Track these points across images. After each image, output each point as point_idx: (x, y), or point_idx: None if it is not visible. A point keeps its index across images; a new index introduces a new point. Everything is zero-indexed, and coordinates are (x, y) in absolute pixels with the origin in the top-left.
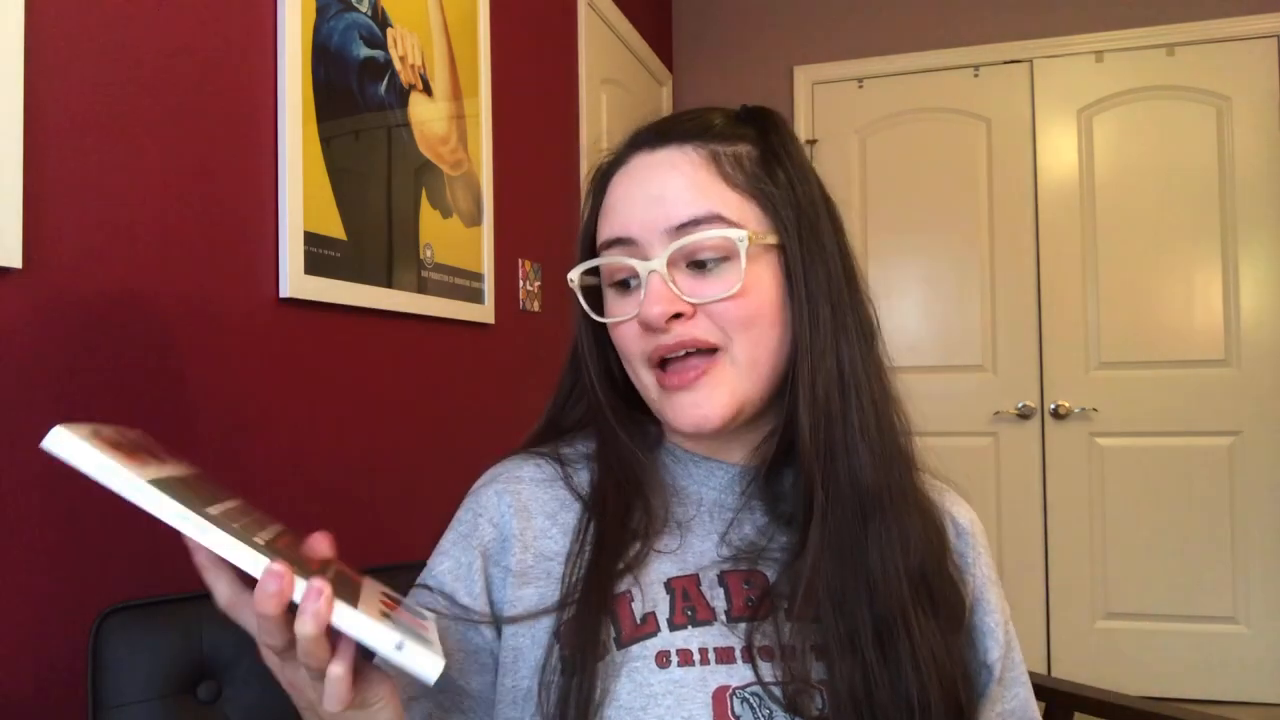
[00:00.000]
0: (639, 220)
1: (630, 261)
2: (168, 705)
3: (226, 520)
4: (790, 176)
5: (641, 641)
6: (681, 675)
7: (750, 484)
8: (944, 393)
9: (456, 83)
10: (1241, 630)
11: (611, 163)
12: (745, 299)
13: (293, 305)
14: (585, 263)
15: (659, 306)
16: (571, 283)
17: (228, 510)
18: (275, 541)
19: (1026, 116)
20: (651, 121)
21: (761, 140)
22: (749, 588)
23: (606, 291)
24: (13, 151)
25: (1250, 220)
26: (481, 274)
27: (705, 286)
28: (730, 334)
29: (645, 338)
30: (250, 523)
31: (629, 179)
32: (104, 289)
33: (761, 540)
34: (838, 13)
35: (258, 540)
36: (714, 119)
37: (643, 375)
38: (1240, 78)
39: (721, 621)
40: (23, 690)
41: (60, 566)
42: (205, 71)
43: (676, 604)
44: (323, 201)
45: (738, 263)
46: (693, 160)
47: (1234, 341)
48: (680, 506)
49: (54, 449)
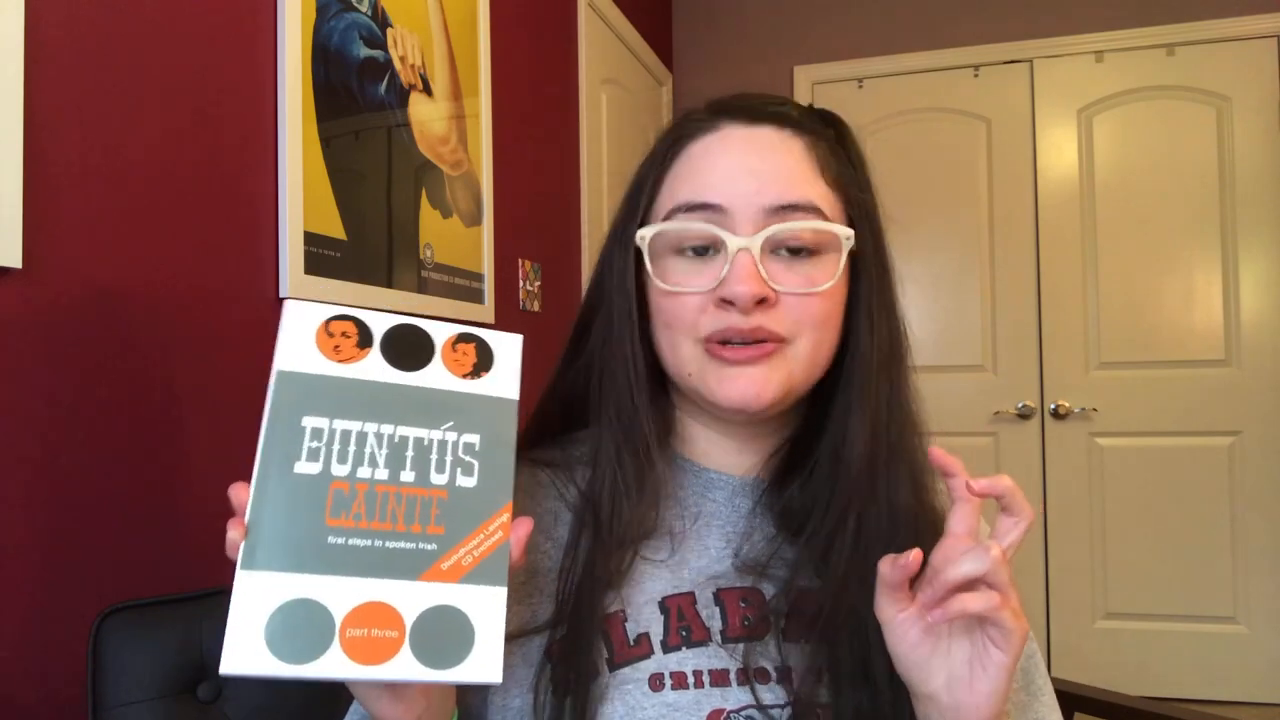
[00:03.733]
0: (734, 191)
1: (720, 233)
2: (168, 705)
3: (303, 434)
4: (863, 185)
5: (634, 664)
6: (675, 699)
7: (763, 495)
8: (944, 393)
9: (456, 83)
10: (1241, 630)
11: (695, 125)
12: (828, 298)
13: None
14: (666, 223)
15: (749, 286)
16: (642, 240)
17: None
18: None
19: (1026, 116)
20: (730, 96)
21: (841, 144)
22: (746, 606)
23: (669, 259)
24: (13, 152)
25: (1250, 220)
26: (481, 274)
27: (791, 276)
28: (801, 328)
29: (714, 314)
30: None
31: (723, 147)
32: (104, 289)
33: (767, 555)
34: (838, 13)
35: (303, 465)
36: (797, 111)
37: (685, 348)
38: (1240, 78)
39: (716, 642)
40: (23, 690)
41: (60, 566)
42: (205, 72)
43: (671, 624)
44: (323, 201)
45: (831, 259)
46: (795, 146)
47: (1234, 341)
48: (675, 516)
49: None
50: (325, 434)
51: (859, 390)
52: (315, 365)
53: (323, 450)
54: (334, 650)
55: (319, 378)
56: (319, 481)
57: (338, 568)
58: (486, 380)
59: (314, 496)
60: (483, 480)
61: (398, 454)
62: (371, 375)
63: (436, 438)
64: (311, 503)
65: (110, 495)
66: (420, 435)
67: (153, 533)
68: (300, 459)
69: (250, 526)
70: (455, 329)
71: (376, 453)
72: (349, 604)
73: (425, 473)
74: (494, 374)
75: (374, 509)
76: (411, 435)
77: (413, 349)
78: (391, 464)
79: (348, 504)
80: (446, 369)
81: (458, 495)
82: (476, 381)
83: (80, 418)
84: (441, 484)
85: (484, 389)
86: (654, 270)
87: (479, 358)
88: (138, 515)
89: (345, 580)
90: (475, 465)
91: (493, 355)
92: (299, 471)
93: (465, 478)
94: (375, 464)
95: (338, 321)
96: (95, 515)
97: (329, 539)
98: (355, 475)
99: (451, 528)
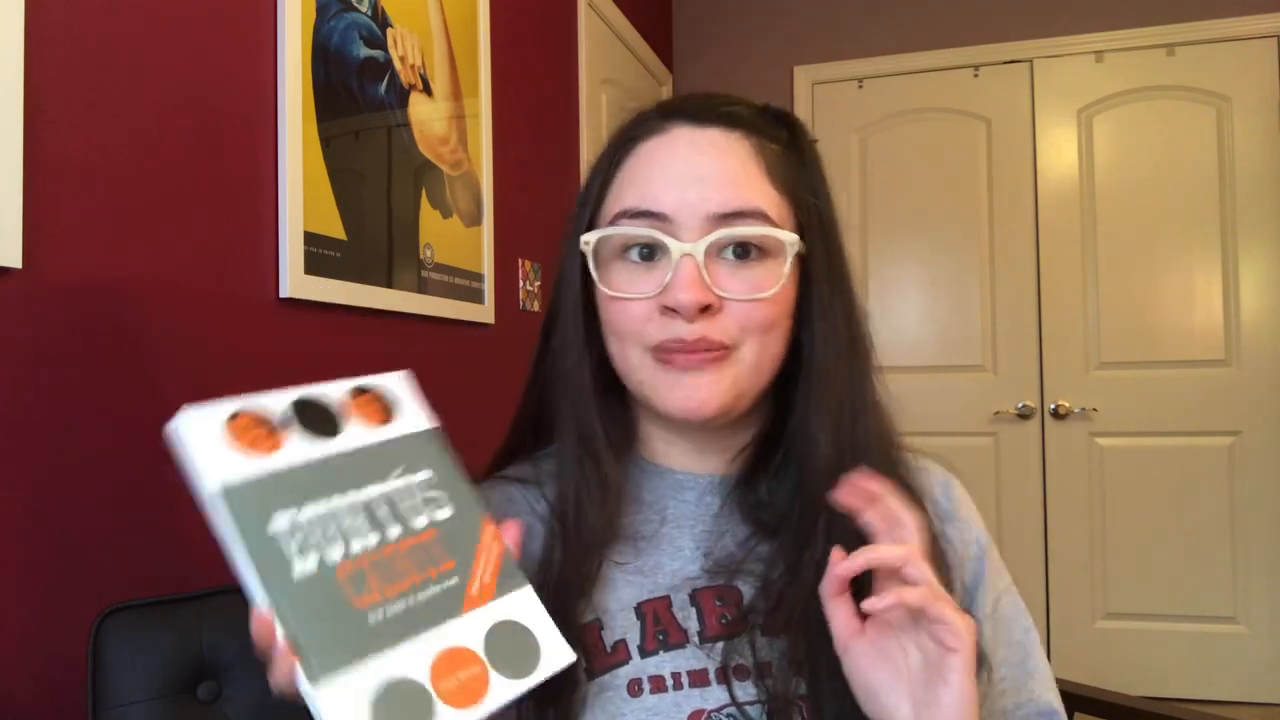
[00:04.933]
0: (678, 198)
1: (664, 239)
2: (168, 705)
3: (280, 538)
4: (816, 186)
5: (612, 671)
6: (655, 703)
7: (731, 493)
8: (944, 393)
9: (456, 83)
10: (1241, 630)
11: (644, 127)
12: (774, 304)
13: (293, 305)
14: (609, 228)
15: (692, 294)
16: (586, 245)
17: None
18: (377, 551)
19: (1026, 116)
20: (681, 96)
21: (794, 144)
22: (722, 605)
23: (614, 263)
24: (13, 152)
25: (1250, 220)
26: (481, 274)
27: (736, 282)
28: (745, 335)
29: (660, 322)
30: (355, 525)
31: (669, 151)
32: (104, 289)
33: (741, 553)
34: (838, 13)
35: (300, 565)
36: (747, 111)
37: (633, 356)
38: (1240, 78)
39: (694, 643)
40: (23, 690)
41: (60, 566)
42: (206, 72)
43: (647, 629)
44: (323, 201)
45: (777, 264)
46: (741, 149)
47: (1234, 341)
48: (643, 520)
49: (177, 433)
50: (300, 528)
51: (817, 394)
52: (247, 468)
53: (308, 544)
54: (441, 709)
55: (260, 479)
56: (324, 575)
57: (394, 640)
58: (402, 421)
59: (329, 590)
60: (455, 507)
61: (373, 516)
62: (305, 456)
63: (396, 486)
64: (331, 596)
65: (110, 495)
66: (382, 491)
67: (153, 533)
68: (293, 563)
69: (294, 644)
70: (344, 386)
71: (355, 523)
72: (425, 663)
73: (407, 522)
74: (403, 413)
75: (388, 574)
76: (375, 494)
77: (321, 417)
78: (375, 527)
79: (363, 581)
80: (363, 424)
81: (444, 528)
82: (395, 424)
83: (80, 417)
84: (425, 525)
85: (405, 429)
86: (599, 276)
87: (384, 404)
88: (138, 515)
89: (407, 646)
90: (441, 496)
91: (395, 397)
92: (299, 576)
93: (440, 511)
94: (361, 534)
95: (238, 419)
96: (95, 515)
97: (369, 619)
98: (351, 553)
99: (458, 558)
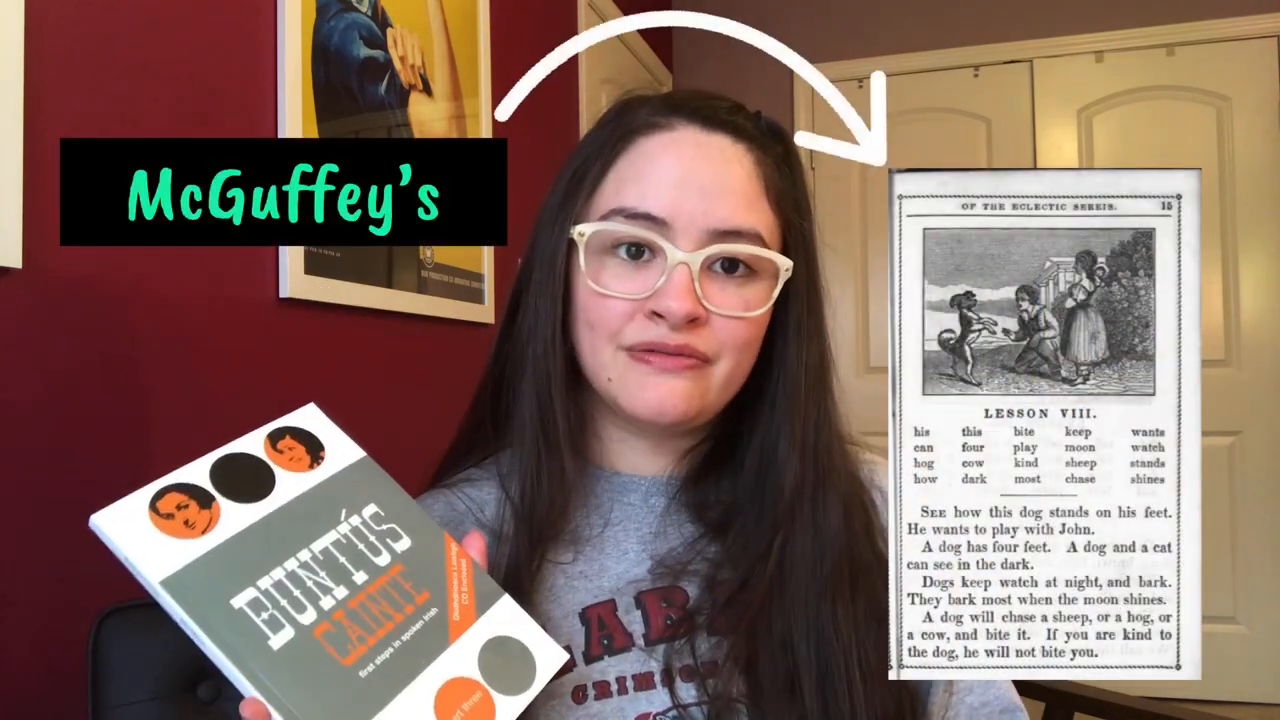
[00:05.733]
0: (681, 206)
1: (662, 243)
2: (167, 705)
3: (246, 615)
4: (802, 205)
5: (556, 679)
6: (599, 708)
7: (678, 493)
8: None
9: (456, 83)
10: (1241, 630)
11: (648, 119)
12: (755, 323)
13: (293, 305)
14: (605, 222)
15: (684, 304)
16: (581, 236)
17: (277, 583)
18: (350, 601)
19: (1026, 116)
20: (685, 92)
21: (786, 160)
22: (668, 606)
23: (601, 258)
24: (13, 151)
25: (1250, 220)
26: (481, 274)
27: (725, 297)
28: (725, 350)
29: (642, 323)
30: (326, 578)
31: (675, 153)
32: (104, 289)
33: (688, 554)
34: (838, 13)
35: (276, 638)
36: (749, 122)
37: (605, 352)
38: (1240, 78)
39: (639, 646)
40: (23, 690)
41: (60, 566)
42: (206, 72)
43: (592, 634)
44: None
45: (766, 284)
46: (746, 163)
47: (1234, 341)
48: (585, 523)
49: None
50: (262, 599)
51: (787, 416)
52: (186, 553)
53: (278, 615)
54: None
55: (202, 560)
56: (302, 640)
57: (390, 690)
58: (331, 459)
59: (312, 655)
60: (412, 535)
61: (334, 566)
62: (242, 524)
63: (347, 530)
64: (316, 661)
65: (111, 495)
66: (334, 538)
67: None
68: (269, 636)
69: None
70: (258, 436)
71: (318, 579)
72: (428, 705)
73: (369, 564)
74: (330, 448)
75: (366, 623)
76: (329, 543)
77: (248, 477)
78: (339, 578)
79: (344, 637)
80: (293, 473)
81: (408, 560)
82: (325, 465)
83: (80, 417)
84: (388, 562)
85: (336, 466)
86: (587, 269)
87: (306, 444)
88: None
89: (405, 693)
90: (394, 528)
91: (314, 435)
92: (278, 647)
93: (399, 542)
94: (328, 589)
95: (163, 500)
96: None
97: (360, 675)
98: (323, 611)
99: (431, 588)
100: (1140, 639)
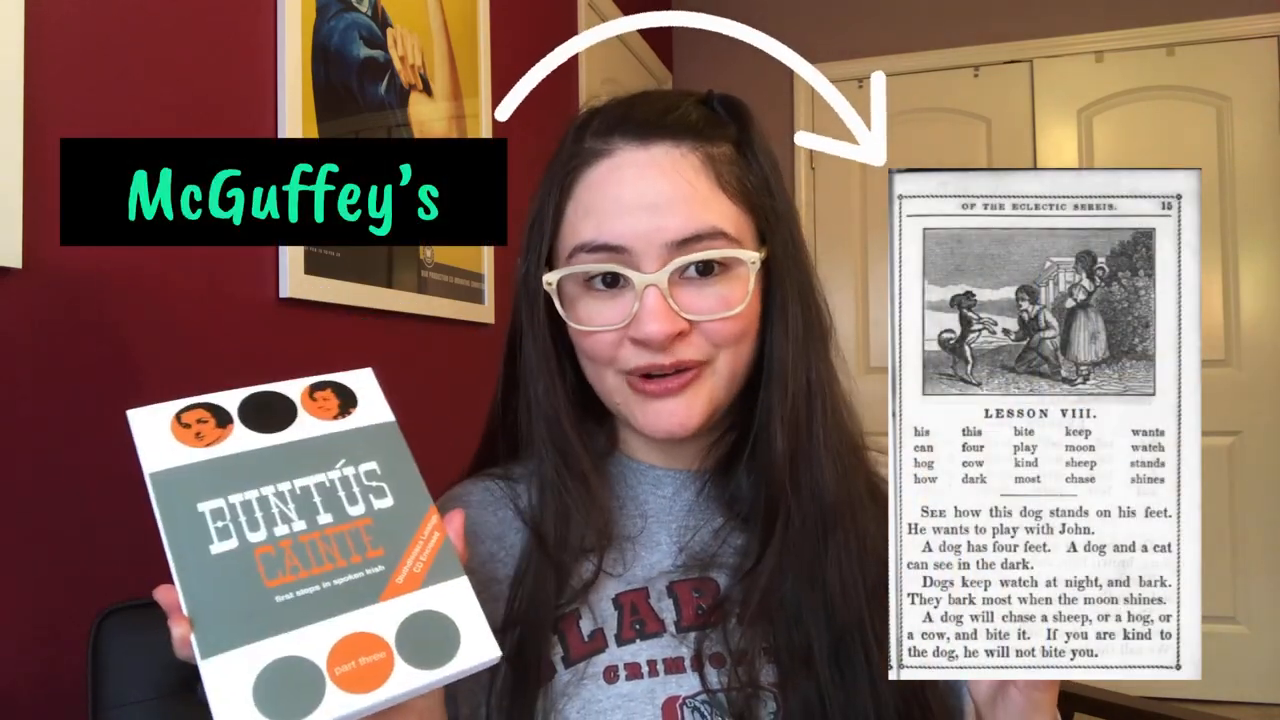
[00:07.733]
0: (634, 231)
1: (625, 271)
2: (167, 705)
3: (204, 519)
4: (769, 181)
5: (589, 659)
6: (630, 689)
7: (706, 486)
8: None
9: (456, 83)
10: (1241, 630)
11: (589, 150)
12: (742, 316)
13: (293, 305)
14: (569, 266)
15: (660, 325)
16: (549, 286)
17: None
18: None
19: (1026, 116)
20: (619, 102)
21: (742, 138)
22: (699, 596)
23: (578, 294)
24: (13, 151)
25: (1250, 220)
26: (481, 274)
27: (702, 301)
28: (719, 349)
29: (632, 349)
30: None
31: (617, 180)
32: (104, 288)
33: (715, 544)
34: (838, 13)
35: (219, 545)
36: (692, 113)
37: (609, 379)
38: (1240, 78)
39: (670, 632)
40: (23, 690)
41: (60, 566)
42: (206, 72)
43: (624, 619)
44: None
45: (742, 276)
46: (689, 165)
47: (1234, 341)
48: (628, 520)
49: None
50: (226, 511)
51: (777, 389)
52: (183, 456)
53: (230, 527)
54: (331, 691)
55: (193, 465)
56: (241, 554)
57: (297, 621)
58: (358, 414)
59: (243, 569)
60: (398, 496)
61: (306, 503)
62: (244, 446)
63: (335, 476)
64: (243, 575)
65: (110, 495)
66: (320, 480)
67: (152, 533)
68: (213, 541)
69: (193, 617)
70: (304, 383)
71: (285, 509)
72: (325, 646)
73: (340, 509)
74: (362, 406)
75: (307, 557)
76: (311, 483)
77: (273, 412)
78: (304, 514)
79: (280, 563)
80: (314, 418)
81: (381, 517)
82: (349, 418)
83: (80, 417)
84: (360, 513)
85: (359, 422)
86: (565, 312)
87: (341, 398)
88: (138, 515)
89: (311, 628)
90: (385, 486)
91: (353, 392)
92: (217, 553)
93: (381, 500)
94: (289, 519)
95: (189, 412)
96: (95, 515)
97: (276, 599)
98: (274, 535)
99: (390, 546)
100: (1140, 639)
